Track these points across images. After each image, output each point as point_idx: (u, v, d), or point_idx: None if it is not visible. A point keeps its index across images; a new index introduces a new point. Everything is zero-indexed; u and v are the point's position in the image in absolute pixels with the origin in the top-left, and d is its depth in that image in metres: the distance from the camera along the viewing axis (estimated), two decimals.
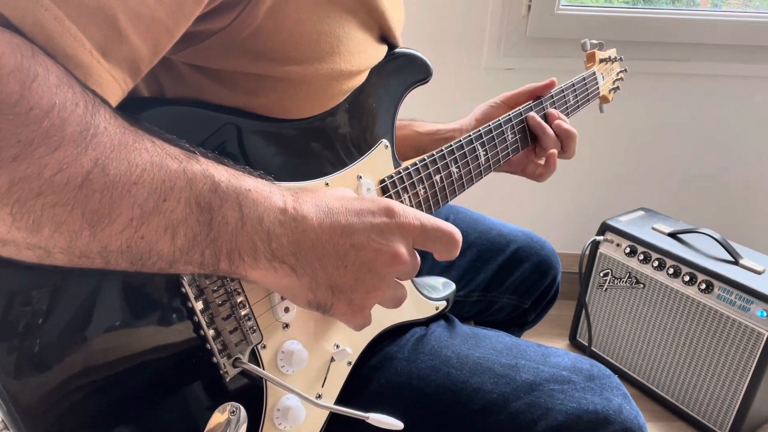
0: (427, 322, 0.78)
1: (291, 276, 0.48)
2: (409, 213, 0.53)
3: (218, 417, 0.53)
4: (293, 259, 0.48)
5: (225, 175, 0.45)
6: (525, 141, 0.90)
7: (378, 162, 0.70)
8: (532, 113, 0.90)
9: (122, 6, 0.41)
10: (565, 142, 0.92)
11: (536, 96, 0.93)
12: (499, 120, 0.84)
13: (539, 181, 0.95)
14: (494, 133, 0.83)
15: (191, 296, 0.50)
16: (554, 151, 0.91)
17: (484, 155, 0.81)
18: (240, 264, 0.46)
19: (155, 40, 0.45)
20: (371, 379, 0.71)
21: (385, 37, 0.69)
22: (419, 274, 0.91)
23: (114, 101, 0.45)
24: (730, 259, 1.42)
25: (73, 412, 0.45)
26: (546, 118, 0.92)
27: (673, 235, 1.52)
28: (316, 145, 0.63)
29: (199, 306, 0.51)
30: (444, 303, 0.80)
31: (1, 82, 0.35)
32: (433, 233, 0.54)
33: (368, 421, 0.55)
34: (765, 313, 1.29)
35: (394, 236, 0.51)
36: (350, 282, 0.50)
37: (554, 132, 0.91)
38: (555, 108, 0.94)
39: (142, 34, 0.44)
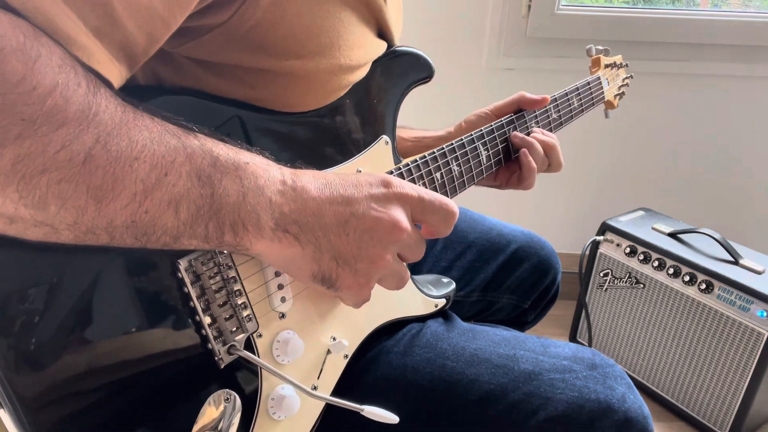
0: (425, 318, 0.78)
1: (294, 246, 0.49)
2: (405, 184, 0.54)
3: (213, 404, 0.53)
4: (296, 227, 0.48)
5: (223, 149, 0.46)
6: (507, 154, 0.87)
7: (378, 157, 0.70)
8: (515, 132, 0.86)
9: None
10: (547, 153, 0.87)
11: (526, 107, 0.89)
12: (491, 125, 0.83)
13: (525, 187, 0.88)
14: (497, 134, 0.83)
15: (187, 282, 0.51)
16: (525, 151, 0.85)
17: (486, 153, 0.81)
18: (244, 235, 0.47)
19: (151, 29, 0.46)
20: (366, 372, 0.70)
21: (383, 32, 0.69)
22: (419, 273, 0.91)
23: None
24: (730, 259, 1.41)
25: (68, 396, 0.45)
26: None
27: (673, 235, 1.52)
28: (316, 139, 0.64)
29: (195, 292, 0.51)
30: (443, 301, 0.80)
31: (4, 62, 0.35)
32: (431, 205, 0.54)
33: (363, 413, 0.55)
34: (765, 313, 1.29)
35: (392, 204, 0.52)
36: (354, 251, 0.51)
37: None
38: (559, 112, 0.94)
39: (137, 23, 0.44)
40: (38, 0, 0.39)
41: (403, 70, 0.72)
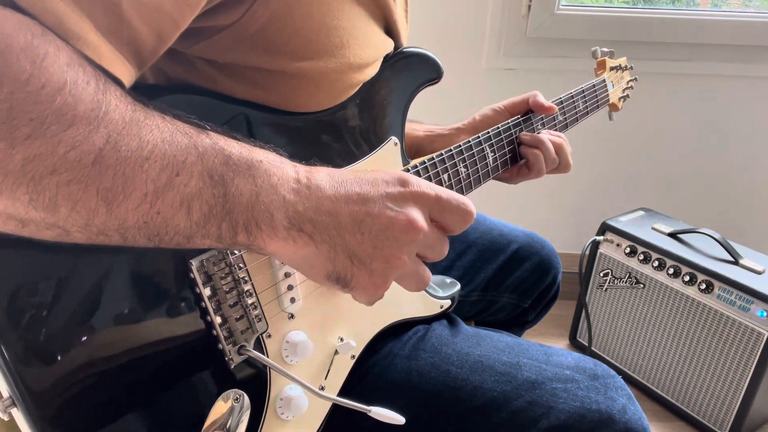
0: (430, 320, 0.78)
1: (309, 245, 0.48)
2: (422, 183, 0.52)
3: (222, 403, 0.53)
4: (310, 226, 0.47)
5: (236, 147, 0.45)
6: (514, 156, 0.87)
7: (387, 159, 0.70)
8: (523, 133, 0.86)
9: None
10: (557, 152, 0.87)
11: (535, 109, 0.89)
12: (498, 128, 0.83)
13: (537, 174, 0.88)
14: (503, 136, 0.83)
15: (199, 282, 0.50)
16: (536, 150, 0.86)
17: (492, 155, 0.81)
18: (258, 234, 0.45)
19: (159, 29, 0.45)
20: (372, 374, 0.70)
21: (390, 30, 0.69)
22: None
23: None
24: (730, 259, 1.42)
25: (78, 392, 0.45)
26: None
27: (673, 235, 1.52)
28: (325, 139, 0.64)
29: (206, 292, 0.51)
30: (448, 302, 0.80)
31: (12, 60, 0.35)
32: (448, 204, 0.52)
33: (370, 414, 0.55)
34: (765, 313, 1.29)
35: (408, 204, 0.50)
36: (369, 250, 0.49)
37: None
38: (564, 114, 0.94)
39: (146, 22, 0.44)
40: (46, 0, 0.38)
41: (412, 71, 0.72)
